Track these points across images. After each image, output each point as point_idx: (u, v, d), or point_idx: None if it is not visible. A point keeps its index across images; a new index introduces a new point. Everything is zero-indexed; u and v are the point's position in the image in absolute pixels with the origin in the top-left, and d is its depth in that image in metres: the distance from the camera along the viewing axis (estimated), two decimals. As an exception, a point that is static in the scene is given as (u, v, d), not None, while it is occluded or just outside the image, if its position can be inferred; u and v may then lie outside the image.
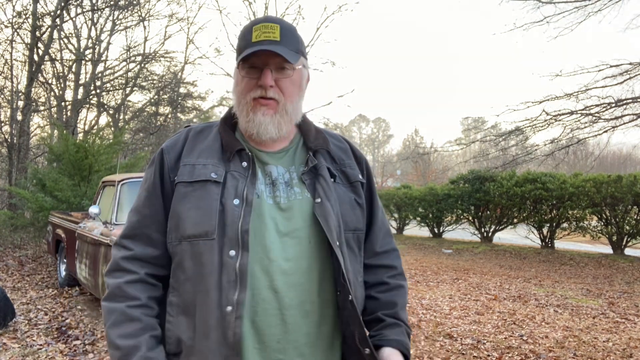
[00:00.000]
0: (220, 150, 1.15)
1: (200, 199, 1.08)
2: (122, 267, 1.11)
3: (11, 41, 12.07)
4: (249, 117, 1.12)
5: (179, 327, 1.08)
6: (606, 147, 21.20)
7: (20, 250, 9.34)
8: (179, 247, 1.09)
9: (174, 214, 1.10)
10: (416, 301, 5.80)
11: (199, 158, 1.14)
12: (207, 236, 1.05)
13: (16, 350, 3.74)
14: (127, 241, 1.14)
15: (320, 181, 1.15)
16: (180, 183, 1.11)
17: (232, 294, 1.02)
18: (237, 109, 1.16)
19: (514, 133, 12.42)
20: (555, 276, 8.42)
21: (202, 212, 1.06)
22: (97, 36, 15.83)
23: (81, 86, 15.33)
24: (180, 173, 1.12)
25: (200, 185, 1.09)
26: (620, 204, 10.28)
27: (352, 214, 1.18)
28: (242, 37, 1.13)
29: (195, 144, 1.18)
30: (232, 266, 1.03)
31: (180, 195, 1.10)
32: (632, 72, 10.36)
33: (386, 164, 41.20)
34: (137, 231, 1.14)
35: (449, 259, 10.96)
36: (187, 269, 1.07)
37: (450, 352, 3.92)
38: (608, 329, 4.73)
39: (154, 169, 1.17)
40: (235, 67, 1.17)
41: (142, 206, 1.15)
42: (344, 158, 1.25)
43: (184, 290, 1.08)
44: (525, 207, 11.97)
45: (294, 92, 1.15)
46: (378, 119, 71.12)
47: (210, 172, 1.10)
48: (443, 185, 14.72)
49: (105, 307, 1.10)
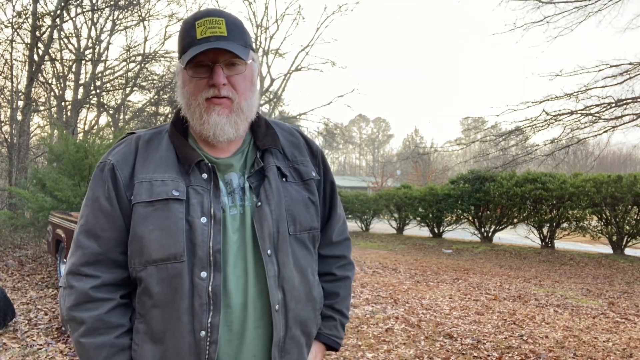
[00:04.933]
0: (177, 161, 1.06)
1: (163, 219, 0.99)
2: (94, 297, 1.01)
3: (11, 41, 12.06)
4: (202, 119, 1.05)
5: (144, 357, 1.01)
6: (606, 147, 21.23)
7: (20, 250, 9.34)
8: (143, 273, 1.00)
9: (136, 237, 1.01)
10: (416, 301, 5.80)
11: (155, 173, 1.04)
12: (175, 259, 0.98)
13: (16, 350, 3.74)
14: (89, 269, 1.02)
15: (265, 184, 1.09)
16: (138, 204, 1.01)
17: (205, 317, 0.98)
18: (188, 111, 1.08)
19: (514, 133, 12.43)
20: (555, 276, 8.42)
21: (167, 234, 0.99)
22: (97, 36, 15.83)
23: (81, 86, 15.32)
24: (136, 192, 1.02)
25: (161, 205, 1.00)
26: (620, 204, 10.28)
27: (306, 213, 1.15)
28: (185, 33, 1.05)
29: (147, 155, 1.07)
30: (204, 289, 0.98)
31: (139, 216, 1.01)
32: (632, 72, 10.36)
33: (386, 164, 41.18)
34: (99, 257, 1.02)
35: (449, 259, 10.96)
36: (155, 294, 0.99)
37: (450, 352, 3.92)
38: (608, 329, 4.73)
39: (107, 187, 1.04)
40: (179, 66, 1.09)
41: (101, 229, 1.03)
42: (297, 154, 1.20)
43: (151, 317, 1.00)
44: (525, 207, 11.97)
45: (247, 89, 1.08)
46: (378, 119, 71.16)
47: (171, 189, 1.02)
48: (443, 185, 14.72)
49: (88, 345, 1.00)
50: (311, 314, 1.14)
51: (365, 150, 71.50)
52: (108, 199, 1.04)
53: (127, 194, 1.04)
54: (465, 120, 49.00)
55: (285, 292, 1.07)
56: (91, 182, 1.08)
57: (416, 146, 46.61)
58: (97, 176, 1.08)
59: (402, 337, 4.29)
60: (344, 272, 1.29)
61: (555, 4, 11.09)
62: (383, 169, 35.82)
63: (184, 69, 1.05)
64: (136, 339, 1.03)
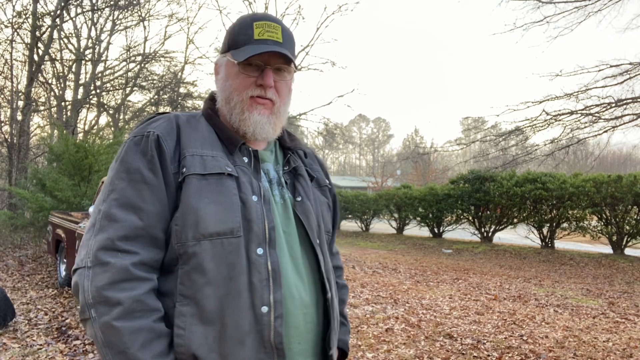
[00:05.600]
0: (219, 142, 1.09)
1: (217, 193, 0.99)
2: (134, 275, 0.93)
3: (11, 41, 12.06)
4: (244, 115, 1.08)
5: (194, 340, 0.94)
6: (606, 147, 21.22)
7: (20, 250, 9.34)
8: (197, 247, 0.96)
9: (190, 209, 0.97)
10: (416, 301, 5.80)
11: (203, 149, 1.04)
12: (232, 234, 0.97)
13: (16, 350, 3.74)
14: (128, 244, 0.95)
15: (300, 181, 1.16)
16: (192, 175, 0.99)
17: (266, 293, 0.97)
18: (226, 104, 1.11)
19: (514, 133, 12.44)
20: (555, 276, 8.42)
21: (224, 208, 0.98)
22: (97, 36, 15.83)
23: (81, 86, 15.32)
24: (189, 164, 1.00)
25: (215, 179, 1.00)
26: (620, 204, 10.28)
27: (327, 216, 1.22)
28: (241, 30, 1.09)
29: (191, 132, 1.07)
30: (262, 264, 0.98)
31: (194, 188, 0.98)
32: (632, 72, 10.37)
33: (386, 164, 41.18)
34: (140, 231, 0.96)
35: (449, 259, 10.96)
36: (209, 270, 0.95)
37: (450, 352, 3.92)
38: (608, 329, 4.73)
39: (150, 158, 1.00)
40: (224, 58, 1.12)
41: (143, 201, 0.97)
42: (312, 162, 1.27)
43: (203, 295, 0.95)
44: (525, 207, 11.97)
45: (287, 95, 1.14)
46: (378, 119, 71.17)
47: (223, 165, 1.03)
48: (443, 185, 14.72)
49: (124, 329, 0.90)
50: (338, 311, 1.17)
51: (365, 150, 71.50)
52: (152, 170, 0.99)
53: (172, 167, 1.01)
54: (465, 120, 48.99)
55: (330, 283, 1.10)
56: (125, 154, 1.02)
57: (416, 146, 46.60)
58: (134, 147, 1.02)
59: (402, 337, 4.29)
60: (343, 281, 1.38)
61: (555, 4, 11.10)
62: (383, 169, 35.82)
63: (236, 63, 1.07)
64: (180, 322, 0.95)
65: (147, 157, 1.00)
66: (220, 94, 1.13)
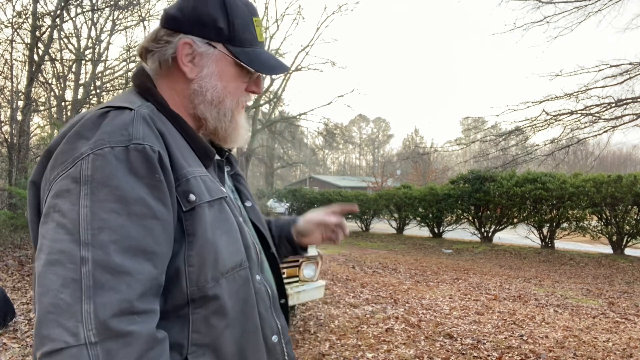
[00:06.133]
0: (193, 152, 0.90)
1: (223, 221, 0.85)
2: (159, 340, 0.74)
3: (11, 41, 12.05)
4: (237, 124, 0.97)
5: None
6: (606, 147, 21.21)
7: (20, 250, 9.34)
8: (217, 289, 0.81)
9: (209, 245, 0.80)
10: (416, 301, 5.80)
11: (193, 166, 0.86)
12: (241, 265, 0.86)
13: (16, 350, 3.74)
14: (147, 302, 0.72)
15: (242, 182, 1.06)
16: (204, 204, 0.82)
17: (273, 321, 0.93)
18: (214, 108, 0.93)
19: (514, 133, 12.43)
20: (555, 276, 8.42)
21: (232, 237, 0.86)
22: (97, 36, 15.83)
23: (81, 86, 15.33)
24: (196, 189, 0.82)
25: (218, 204, 0.85)
26: (620, 204, 10.29)
27: None
28: (244, 24, 0.92)
29: (173, 142, 0.85)
30: (264, 292, 0.92)
31: (207, 219, 0.82)
32: (632, 72, 10.37)
33: (386, 164, 41.17)
34: (155, 282, 0.74)
35: (449, 259, 10.96)
36: (229, 311, 0.83)
37: (450, 352, 3.92)
38: (608, 329, 4.73)
39: (156, 183, 0.76)
40: (214, 49, 0.91)
41: (155, 242, 0.74)
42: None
43: (223, 341, 0.82)
44: (525, 207, 11.97)
45: None
46: (378, 119, 71.18)
47: (218, 185, 0.89)
48: (443, 185, 14.72)
49: None
50: None
51: (365, 150, 71.49)
52: (161, 200, 0.76)
53: (170, 191, 0.80)
54: (465, 120, 49.00)
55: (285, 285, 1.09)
56: (109, 175, 0.73)
57: (416, 146, 46.62)
58: (119, 166, 0.74)
59: (402, 337, 4.29)
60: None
61: (555, 4, 11.10)
62: (383, 169, 35.80)
63: (230, 57, 0.91)
64: None
65: (148, 181, 0.75)
66: (202, 92, 0.91)
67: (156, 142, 0.79)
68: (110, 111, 0.80)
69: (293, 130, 25.55)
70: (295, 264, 4.31)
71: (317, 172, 59.04)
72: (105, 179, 0.72)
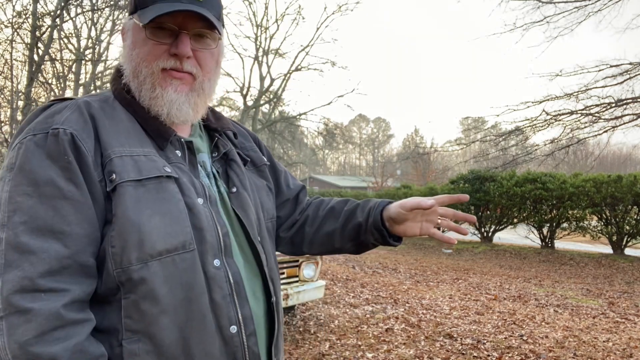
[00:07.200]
0: (145, 134, 0.88)
1: (160, 201, 0.81)
2: (68, 320, 0.73)
3: (11, 41, 12.06)
4: (155, 93, 0.88)
5: None
6: (606, 147, 21.22)
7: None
8: (145, 271, 0.78)
9: (130, 225, 0.78)
10: (416, 301, 5.80)
11: (131, 147, 0.84)
12: (184, 248, 0.81)
13: (16, 350, 3.74)
14: (53, 280, 0.73)
15: (234, 168, 1.00)
16: (126, 183, 0.80)
17: (232, 310, 0.85)
18: (135, 79, 0.89)
19: (514, 133, 12.43)
20: (555, 276, 8.42)
21: (170, 218, 0.81)
22: (97, 36, 15.84)
23: (81, 86, 15.34)
24: (119, 168, 0.80)
25: (154, 184, 0.82)
26: (620, 204, 10.29)
27: (268, 201, 1.08)
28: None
29: (110, 124, 0.85)
30: (222, 278, 0.85)
31: (131, 199, 0.79)
32: (632, 72, 10.36)
33: (386, 164, 41.19)
34: (66, 262, 0.75)
35: (449, 259, 10.96)
36: (163, 297, 0.79)
37: (450, 352, 3.92)
38: (608, 329, 4.73)
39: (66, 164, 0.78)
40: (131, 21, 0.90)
41: (66, 223, 0.76)
42: (244, 141, 1.11)
43: (159, 327, 0.79)
44: (525, 207, 11.97)
45: (213, 68, 0.94)
46: (378, 119, 71.21)
47: (160, 165, 0.85)
48: (443, 185, 14.73)
49: None
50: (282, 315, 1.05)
51: (365, 150, 71.51)
52: (71, 180, 0.77)
53: (95, 173, 0.80)
54: (465, 120, 48.98)
55: (274, 283, 0.99)
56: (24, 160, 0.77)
57: (416, 146, 46.60)
58: (36, 151, 0.78)
59: (402, 337, 4.29)
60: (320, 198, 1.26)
61: (555, 4, 11.09)
62: (383, 169, 35.82)
63: (142, 26, 0.87)
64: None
65: (61, 164, 0.77)
66: (126, 65, 0.90)
67: (78, 125, 0.81)
68: (53, 104, 0.86)
69: (293, 130, 25.54)
70: (295, 264, 4.31)
71: (317, 172, 59.08)
72: (22, 164, 0.78)
